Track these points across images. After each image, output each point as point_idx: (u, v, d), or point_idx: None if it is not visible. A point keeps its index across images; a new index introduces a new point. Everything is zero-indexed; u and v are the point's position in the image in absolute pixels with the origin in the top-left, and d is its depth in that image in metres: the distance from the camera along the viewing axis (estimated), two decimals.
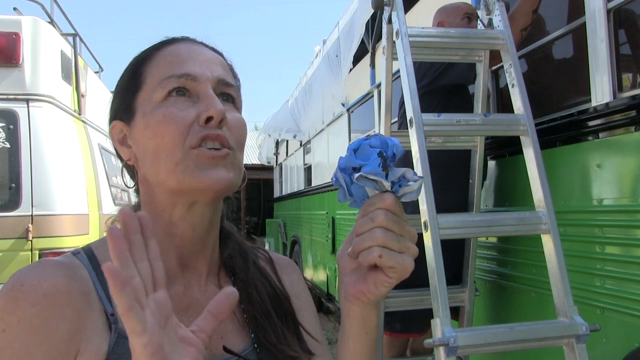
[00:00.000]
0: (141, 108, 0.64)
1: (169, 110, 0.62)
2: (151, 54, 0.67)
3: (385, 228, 0.53)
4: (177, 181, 0.61)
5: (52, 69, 3.06)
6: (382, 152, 0.52)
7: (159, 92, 0.63)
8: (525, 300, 2.11)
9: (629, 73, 1.80)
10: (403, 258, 0.54)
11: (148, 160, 0.64)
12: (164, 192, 0.64)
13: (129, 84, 0.67)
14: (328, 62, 5.12)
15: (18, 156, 2.74)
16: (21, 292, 0.55)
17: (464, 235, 2.04)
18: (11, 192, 2.72)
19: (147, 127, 0.63)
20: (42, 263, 0.59)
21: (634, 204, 1.61)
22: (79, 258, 0.62)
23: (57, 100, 3.04)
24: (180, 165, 0.60)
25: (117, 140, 0.68)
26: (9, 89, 2.84)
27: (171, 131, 0.61)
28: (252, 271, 0.73)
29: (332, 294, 5.32)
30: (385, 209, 0.53)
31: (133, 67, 0.68)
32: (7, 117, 2.79)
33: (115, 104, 0.69)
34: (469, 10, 2.25)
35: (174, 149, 0.61)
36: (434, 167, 1.62)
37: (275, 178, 10.14)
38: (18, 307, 0.54)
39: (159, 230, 0.65)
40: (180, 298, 0.65)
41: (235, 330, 0.68)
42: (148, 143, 0.63)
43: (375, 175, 0.51)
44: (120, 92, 0.68)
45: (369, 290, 0.56)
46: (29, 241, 2.69)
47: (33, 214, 2.71)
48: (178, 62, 0.64)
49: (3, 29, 2.86)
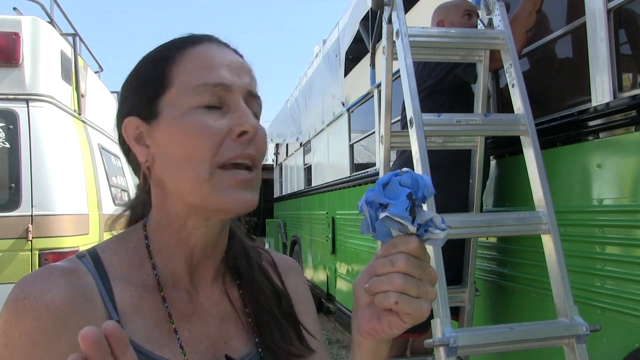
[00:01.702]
0: (168, 111, 0.61)
1: (203, 120, 0.59)
2: (176, 53, 0.64)
3: (405, 274, 0.51)
4: (201, 198, 0.59)
5: (52, 69, 3.06)
6: (411, 194, 0.50)
7: (191, 99, 0.60)
8: (525, 300, 2.11)
9: (629, 73, 1.80)
10: (420, 304, 0.52)
11: (171, 166, 0.61)
12: (181, 202, 0.62)
13: (152, 82, 0.63)
14: (328, 62, 5.12)
15: (18, 156, 2.74)
16: (23, 305, 0.53)
17: (464, 235, 2.04)
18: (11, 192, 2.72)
19: (177, 133, 0.60)
20: (48, 271, 0.57)
21: (634, 204, 1.61)
22: (84, 262, 0.60)
23: (57, 100, 3.04)
24: (208, 184, 0.58)
25: (132, 137, 0.63)
26: (8, 89, 2.84)
27: (204, 144, 0.58)
28: (257, 273, 0.72)
29: (332, 294, 5.32)
30: (407, 254, 0.51)
31: (156, 65, 0.64)
32: (7, 117, 2.79)
33: (132, 101, 0.64)
34: (469, 7, 2.22)
35: (202, 163, 0.58)
36: (435, 167, 1.62)
37: (275, 178, 10.14)
38: (19, 321, 0.53)
39: (170, 235, 0.64)
40: (185, 304, 0.64)
41: (239, 334, 0.67)
42: (176, 150, 0.60)
43: (402, 218, 0.50)
44: (140, 89, 0.64)
45: (382, 330, 0.55)
46: (29, 241, 2.69)
47: (33, 214, 2.71)
48: (209, 67, 0.61)
49: (3, 29, 2.86)
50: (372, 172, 4.03)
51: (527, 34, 2.01)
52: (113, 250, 0.63)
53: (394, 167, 2.30)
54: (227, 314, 0.67)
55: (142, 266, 0.63)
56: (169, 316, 0.62)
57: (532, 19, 1.99)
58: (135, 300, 0.60)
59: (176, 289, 0.64)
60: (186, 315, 0.63)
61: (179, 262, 0.65)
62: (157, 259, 0.64)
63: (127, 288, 0.60)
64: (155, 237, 0.65)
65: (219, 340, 0.65)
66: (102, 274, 0.59)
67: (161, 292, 0.62)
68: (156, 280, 0.63)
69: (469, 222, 1.70)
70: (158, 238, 0.65)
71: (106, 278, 0.59)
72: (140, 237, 0.65)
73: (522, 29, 1.98)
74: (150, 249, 0.64)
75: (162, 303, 0.62)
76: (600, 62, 1.74)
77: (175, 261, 0.65)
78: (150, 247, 0.64)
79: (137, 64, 0.66)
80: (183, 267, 0.65)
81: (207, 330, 0.65)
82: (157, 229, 0.65)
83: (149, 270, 0.63)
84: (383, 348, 0.59)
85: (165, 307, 0.62)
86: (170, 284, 0.64)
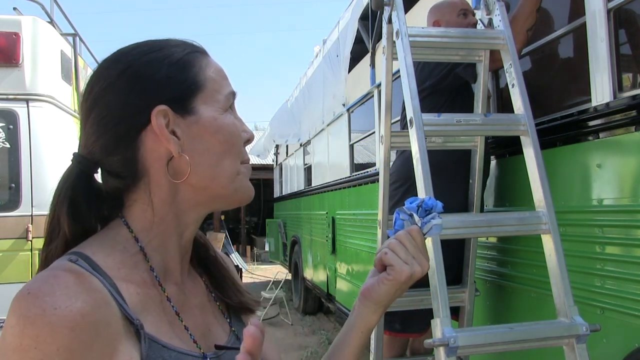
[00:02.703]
0: (205, 110, 0.65)
1: (235, 122, 0.68)
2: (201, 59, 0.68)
3: (400, 242, 0.72)
4: (235, 189, 0.67)
5: (51, 69, 3.06)
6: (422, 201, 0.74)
7: (222, 103, 0.67)
8: (525, 300, 2.11)
9: (629, 73, 1.80)
10: (401, 263, 0.71)
11: (207, 161, 0.64)
12: (199, 194, 0.66)
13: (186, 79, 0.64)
14: (328, 62, 5.12)
15: (18, 156, 2.74)
16: (57, 317, 0.49)
17: (464, 235, 2.04)
18: (11, 192, 2.72)
19: (215, 131, 0.65)
20: (61, 279, 0.53)
21: (634, 204, 1.61)
22: (82, 265, 0.57)
23: (57, 100, 3.04)
24: (239, 176, 0.67)
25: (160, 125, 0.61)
26: (8, 89, 2.84)
27: (238, 142, 0.67)
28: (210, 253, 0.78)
29: (332, 294, 5.32)
30: (407, 232, 0.72)
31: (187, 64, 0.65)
32: (7, 117, 2.79)
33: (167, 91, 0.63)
34: (463, 6, 2.22)
35: (236, 159, 0.67)
36: (434, 167, 1.62)
37: (275, 178, 10.14)
38: (56, 334, 0.49)
39: (172, 231, 0.65)
40: (178, 297, 0.66)
41: (217, 322, 0.71)
42: (216, 146, 0.65)
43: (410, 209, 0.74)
44: (175, 82, 0.63)
45: (372, 287, 0.73)
46: (29, 241, 2.69)
47: (33, 214, 2.71)
48: (225, 77, 0.70)
49: (3, 29, 2.86)
50: (372, 172, 4.03)
51: (528, 33, 2.01)
52: (103, 252, 0.61)
53: (393, 168, 2.31)
54: (204, 304, 0.71)
55: (136, 264, 0.62)
56: (174, 310, 0.63)
57: (533, 18, 1.99)
58: (141, 298, 0.60)
59: (169, 282, 0.66)
60: (180, 307, 0.65)
61: (174, 257, 0.66)
62: (152, 255, 0.64)
63: (131, 287, 0.60)
64: (150, 234, 0.64)
65: (204, 329, 0.68)
66: (104, 275, 0.58)
67: (163, 290, 0.64)
68: (154, 277, 0.63)
69: (469, 222, 1.70)
70: (154, 235, 0.64)
71: (109, 279, 0.58)
72: (126, 236, 0.64)
73: (522, 28, 1.98)
74: (144, 246, 0.64)
75: (164, 298, 0.63)
76: (600, 62, 1.74)
77: (171, 256, 0.66)
78: (143, 244, 0.64)
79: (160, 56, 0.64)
80: (177, 261, 0.67)
81: (195, 321, 0.67)
82: (153, 226, 0.64)
83: (144, 268, 0.63)
84: (372, 318, 0.75)
85: (168, 301, 0.63)
86: (164, 279, 0.65)
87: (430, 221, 0.73)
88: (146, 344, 0.56)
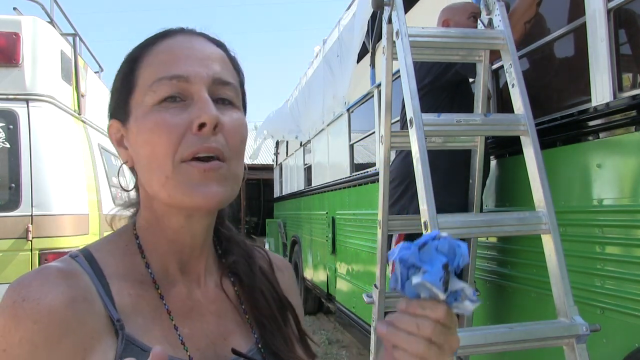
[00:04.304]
0: (134, 111, 0.61)
1: (161, 117, 0.58)
2: (145, 50, 0.63)
3: (428, 340, 0.51)
4: (168, 196, 0.59)
5: (52, 69, 3.05)
6: (447, 265, 0.50)
7: (149, 95, 0.59)
8: (525, 300, 2.11)
9: (629, 73, 1.80)
10: None
11: (142, 167, 0.61)
12: (159, 202, 0.62)
13: (124, 82, 0.63)
14: (328, 62, 5.11)
15: (18, 156, 2.74)
16: (22, 309, 0.52)
17: (464, 235, 2.04)
18: (11, 192, 2.72)
19: (140, 133, 0.60)
20: (44, 272, 0.55)
21: (634, 204, 1.61)
22: (79, 262, 0.59)
23: (57, 100, 3.04)
24: (172, 180, 0.58)
25: (115, 140, 0.65)
26: (8, 89, 2.83)
27: (162, 141, 0.57)
28: (258, 276, 0.72)
29: (332, 294, 5.32)
30: (435, 321, 0.51)
31: (127, 65, 0.64)
32: (7, 117, 2.78)
33: (112, 103, 0.66)
34: (475, 10, 2.25)
35: (164, 161, 0.57)
36: (434, 167, 1.62)
37: (275, 178, 10.14)
38: (19, 325, 0.51)
39: (160, 234, 0.64)
40: (184, 300, 0.65)
41: (238, 331, 0.67)
42: (140, 150, 0.60)
43: (435, 287, 0.50)
44: (116, 90, 0.65)
45: None
46: (29, 241, 2.69)
47: (33, 214, 2.71)
48: (171, 60, 0.60)
49: (3, 29, 2.86)
50: (372, 172, 4.02)
51: (526, 26, 2.02)
52: (106, 249, 0.63)
53: (392, 167, 2.31)
54: (224, 311, 0.68)
55: (136, 265, 0.63)
56: (168, 313, 0.62)
57: (532, 11, 2.01)
58: (133, 299, 0.60)
59: (172, 286, 0.64)
60: (185, 312, 0.63)
61: (171, 260, 0.65)
62: (150, 257, 0.64)
63: (125, 287, 0.60)
64: (146, 235, 0.65)
65: (218, 337, 0.65)
66: (98, 273, 0.58)
67: (158, 290, 0.62)
68: (152, 278, 0.63)
69: (469, 222, 1.70)
70: (149, 236, 0.65)
71: (103, 277, 0.58)
72: (130, 237, 0.65)
73: (521, 20, 1.99)
74: (143, 247, 0.64)
75: (160, 300, 0.62)
76: (600, 62, 1.74)
77: (167, 259, 0.65)
78: (142, 245, 0.64)
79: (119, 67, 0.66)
80: (175, 264, 0.65)
81: (206, 327, 0.65)
82: (148, 227, 0.65)
83: (143, 269, 0.63)
84: None
85: (163, 304, 0.62)
86: (165, 282, 0.64)
87: (463, 303, 0.51)
88: (122, 344, 0.55)
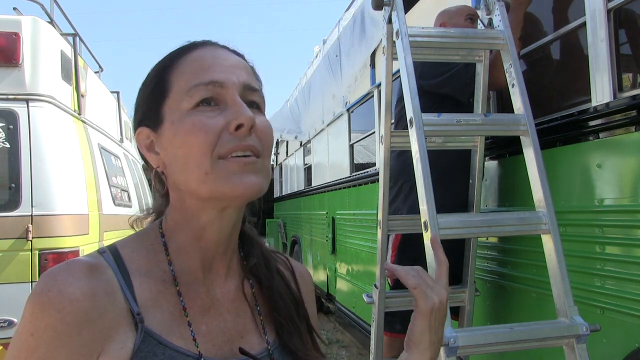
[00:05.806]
0: (169, 116, 0.65)
1: (198, 119, 0.62)
2: (175, 60, 0.67)
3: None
4: (209, 189, 0.62)
5: (52, 69, 3.05)
6: None
7: (186, 100, 0.63)
8: (525, 300, 2.11)
9: (629, 73, 1.80)
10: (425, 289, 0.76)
11: (177, 168, 0.64)
12: (194, 198, 0.65)
13: (155, 91, 0.67)
14: (328, 62, 5.11)
15: (18, 156, 2.74)
16: (47, 298, 0.57)
17: (464, 235, 2.04)
18: (11, 192, 2.71)
19: (176, 135, 0.63)
20: (70, 265, 0.60)
21: (634, 204, 1.61)
22: (105, 257, 0.64)
23: (57, 100, 3.04)
24: (211, 175, 0.61)
25: (144, 146, 0.68)
26: (8, 89, 2.83)
27: (200, 140, 0.61)
28: (276, 278, 0.76)
29: (332, 294, 5.32)
30: None
31: (158, 75, 0.68)
32: (7, 117, 2.78)
33: (141, 111, 0.69)
34: (471, 12, 2.29)
35: (202, 158, 0.61)
36: (433, 166, 1.62)
37: (275, 178, 10.14)
38: (44, 313, 0.56)
39: (188, 234, 0.67)
40: (203, 299, 0.68)
41: (255, 331, 0.71)
42: (177, 151, 0.63)
43: None
44: (146, 99, 0.68)
45: (410, 333, 0.76)
46: (29, 241, 2.68)
47: (33, 214, 2.71)
48: (203, 68, 0.65)
49: (3, 29, 2.85)
50: (372, 172, 4.03)
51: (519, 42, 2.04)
52: (132, 247, 0.67)
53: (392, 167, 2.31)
54: (243, 311, 0.71)
55: (159, 263, 0.67)
56: (184, 309, 0.65)
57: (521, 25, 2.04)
58: (154, 294, 0.64)
59: (193, 284, 0.68)
60: (204, 309, 0.67)
61: (195, 260, 0.68)
62: (174, 256, 0.68)
63: (147, 282, 0.64)
64: (173, 236, 0.68)
65: (235, 335, 0.69)
66: (122, 269, 0.63)
67: (177, 287, 0.66)
68: (173, 276, 0.66)
69: (469, 222, 1.70)
70: (176, 237, 0.68)
71: (126, 273, 0.63)
72: (156, 236, 0.69)
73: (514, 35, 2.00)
74: (168, 247, 0.68)
75: (179, 298, 0.66)
76: (600, 62, 1.74)
77: (191, 259, 0.68)
78: (167, 245, 0.68)
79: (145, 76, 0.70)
80: (198, 264, 0.68)
81: (224, 325, 0.68)
82: (175, 228, 0.68)
83: (166, 267, 0.67)
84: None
85: (180, 301, 0.65)
86: (186, 280, 0.67)
87: None
88: (140, 337, 0.59)
